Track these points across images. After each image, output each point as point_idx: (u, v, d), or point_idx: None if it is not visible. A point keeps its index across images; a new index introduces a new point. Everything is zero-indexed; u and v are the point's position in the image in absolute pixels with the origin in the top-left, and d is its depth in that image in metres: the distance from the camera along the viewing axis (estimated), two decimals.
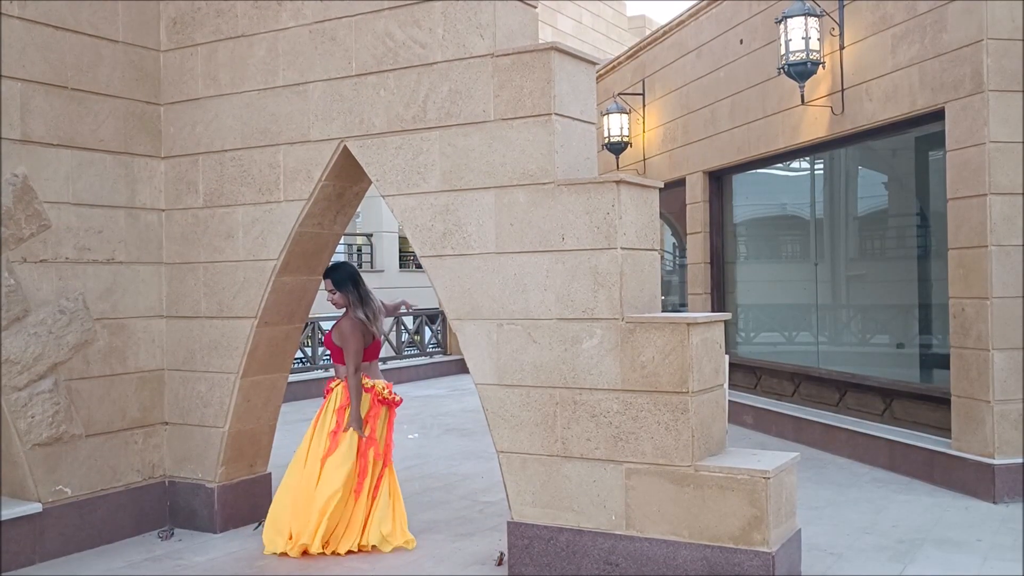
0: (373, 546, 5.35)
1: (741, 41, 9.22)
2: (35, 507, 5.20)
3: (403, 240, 21.26)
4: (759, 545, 4.29)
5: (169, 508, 5.95)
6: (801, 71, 7.58)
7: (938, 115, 6.59)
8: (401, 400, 5.70)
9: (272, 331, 5.79)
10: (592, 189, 4.62)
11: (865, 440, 7.43)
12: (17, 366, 5.16)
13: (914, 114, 6.83)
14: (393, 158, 5.16)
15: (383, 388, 5.53)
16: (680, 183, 10.60)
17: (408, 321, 15.59)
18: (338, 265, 5.73)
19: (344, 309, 5.56)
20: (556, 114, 4.72)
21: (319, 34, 5.40)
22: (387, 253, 21.09)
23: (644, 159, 11.75)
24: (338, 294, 5.52)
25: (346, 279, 5.55)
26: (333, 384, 5.53)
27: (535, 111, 4.74)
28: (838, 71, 7.64)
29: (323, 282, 5.63)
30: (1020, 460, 6.11)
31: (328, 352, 5.84)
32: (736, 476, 4.34)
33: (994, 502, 6.07)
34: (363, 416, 5.40)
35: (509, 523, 4.91)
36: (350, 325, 5.46)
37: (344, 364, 5.43)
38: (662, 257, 12.42)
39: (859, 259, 8.68)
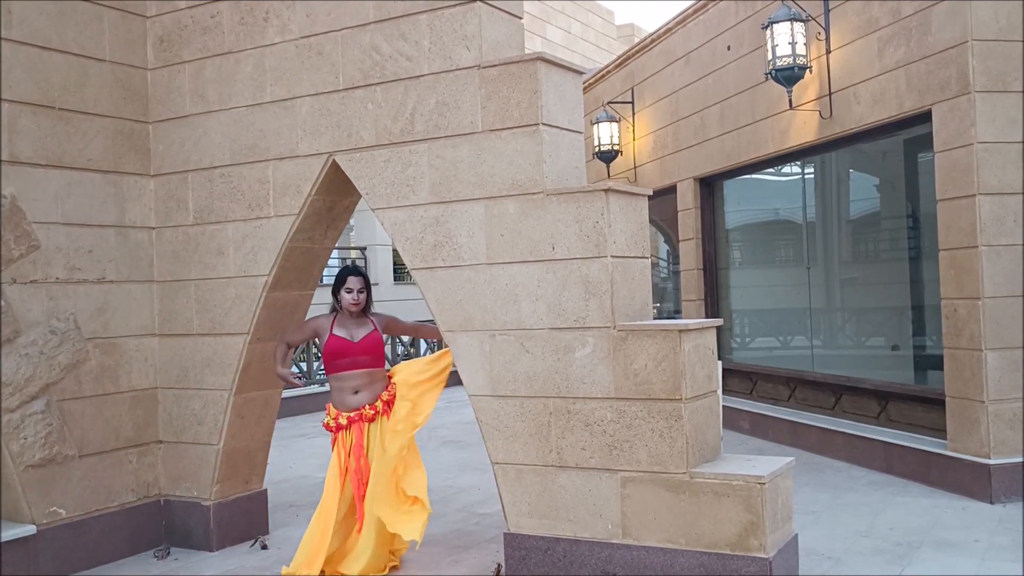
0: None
1: (728, 47, 9.25)
2: (29, 529, 5.17)
3: (397, 253, 21.23)
4: (756, 551, 4.28)
5: (164, 527, 5.92)
6: (788, 76, 7.61)
7: (926, 117, 6.62)
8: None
9: (265, 347, 5.77)
10: (581, 198, 4.63)
11: (861, 443, 7.43)
12: (8, 388, 5.14)
13: (902, 116, 6.86)
14: (382, 171, 5.16)
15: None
16: (671, 190, 10.62)
17: None
18: (356, 269, 5.58)
19: (355, 312, 5.31)
20: (544, 124, 4.72)
21: (306, 49, 5.41)
22: (381, 266, 21.08)
23: (635, 167, 11.77)
24: (364, 294, 5.28)
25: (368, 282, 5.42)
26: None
27: (522, 121, 4.75)
28: (825, 75, 7.67)
29: (353, 280, 5.23)
30: (1016, 460, 6.11)
31: (363, 357, 5.26)
32: (731, 482, 4.34)
33: (991, 502, 6.07)
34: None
35: (506, 534, 4.90)
36: (387, 316, 5.44)
37: (382, 365, 5.27)
38: (656, 264, 12.43)
39: (852, 262, 8.69)
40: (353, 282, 5.22)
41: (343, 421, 5.13)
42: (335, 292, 5.26)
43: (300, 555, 5.11)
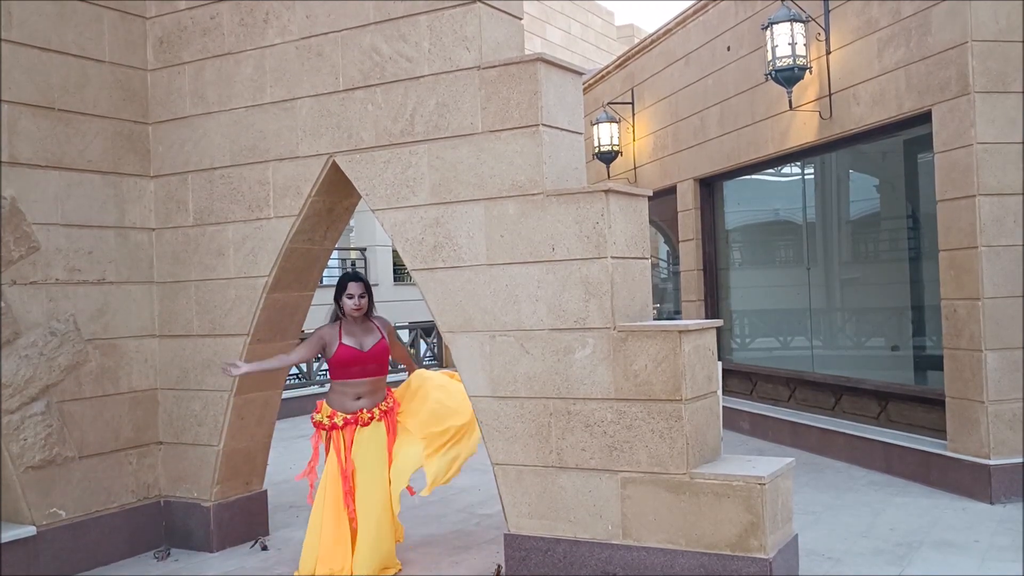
0: None
1: (728, 48, 9.25)
2: (29, 530, 5.17)
3: (397, 254, 21.19)
4: (756, 551, 4.28)
5: (165, 528, 5.92)
6: (788, 76, 7.62)
7: (925, 117, 6.62)
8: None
9: (265, 348, 5.76)
10: (581, 199, 4.63)
11: (861, 443, 7.43)
12: (8, 389, 5.14)
13: (901, 117, 6.86)
14: (382, 172, 5.16)
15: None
16: (671, 191, 10.62)
17: (404, 334, 15.58)
18: (356, 275, 5.58)
19: (357, 318, 5.29)
20: (543, 125, 4.72)
21: (305, 50, 5.41)
22: (381, 267, 21.07)
23: (635, 168, 11.78)
24: (366, 298, 5.27)
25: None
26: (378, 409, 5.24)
27: (522, 122, 4.75)
28: (825, 76, 7.67)
29: (353, 285, 5.21)
30: (1016, 460, 6.11)
31: (371, 365, 5.28)
32: (732, 483, 4.34)
33: (991, 503, 6.07)
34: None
35: (506, 535, 4.90)
36: (389, 324, 5.45)
37: (386, 373, 5.31)
38: (656, 265, 12.43)
39: (852, 263, 8.69)
40: (354, 288, 5.22)
41: (338, 421, 5.15)
42: (336, 299, 5.26)
43: (308, 556, 5.10)
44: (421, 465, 5.27)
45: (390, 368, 5.61)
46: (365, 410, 5.16)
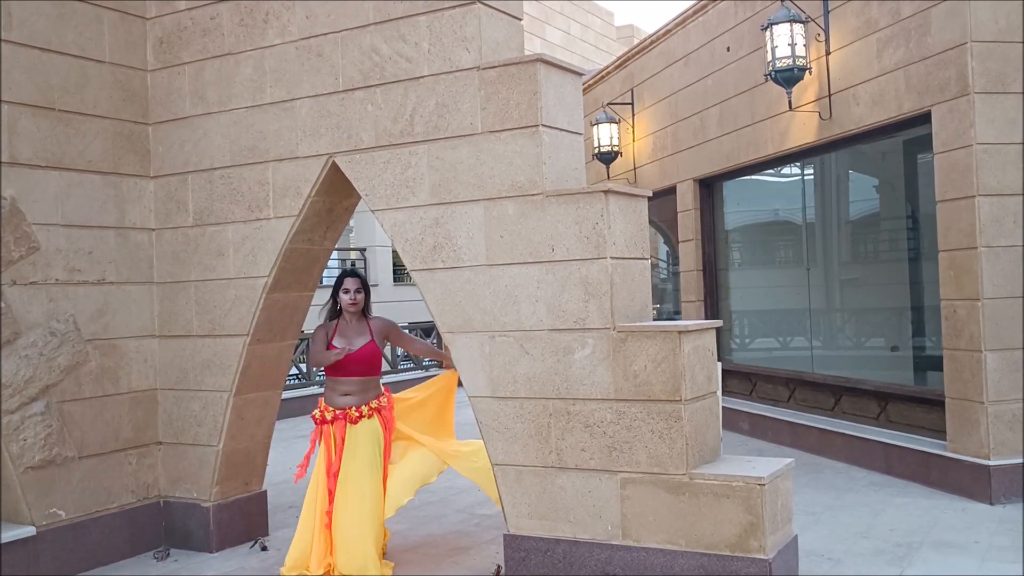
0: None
1: (728, 48, 9.26)
2: (29, 531, 5.17)
3: (397, 254, 21.17)
4: (756, 552, 4.28)
5: (164, 528, 5.92)
6: (788, 77, 7.62)
7: (925, 118, 6.62)
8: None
9: (264, 348, 5.77)
10: (581, 199, 4.63)
11: (861, 444, 7.44)
12: (8, 389, 5.14)
13: (901, 117, 6.86)
14: (382, 172, 5.16)
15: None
16: (671, 191, 10.62)
17: None
18: (354, 271, 5.61)
19: (353, 314, 5.31)
20: (543, 125, 4.73)
21: (305, 51, 5.41)
22: (381, 267, 21.09)
23: (635, 168, 11.77)
24: (362, 294, 5.30)
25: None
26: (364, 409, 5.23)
27: (522, 123, 4.75)
28: (825, 76, 7.68)
29: (349, 281, 5.26)
30: (1016, 461, 6.11)
31: (358, 366, 5.28)
32: (731, 483, 4.34)
33: (991, 503, 6.07)
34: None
35: (505, 536, 4.90)
36: (387, 323, 5.44)
37: (377, 374, 5.34)
38: (656, 265, 12.43)
39: (851, 263, 8.70)
40: (350, 283, 5.27)
41: (328, 416, 5.20)
42: (334, 295, 5.29)
43: (294, 554, 5.11)
44: (431, 480, 5.44)
45: (419, 366, 5.66)
46: (353, 408, 5.19)
